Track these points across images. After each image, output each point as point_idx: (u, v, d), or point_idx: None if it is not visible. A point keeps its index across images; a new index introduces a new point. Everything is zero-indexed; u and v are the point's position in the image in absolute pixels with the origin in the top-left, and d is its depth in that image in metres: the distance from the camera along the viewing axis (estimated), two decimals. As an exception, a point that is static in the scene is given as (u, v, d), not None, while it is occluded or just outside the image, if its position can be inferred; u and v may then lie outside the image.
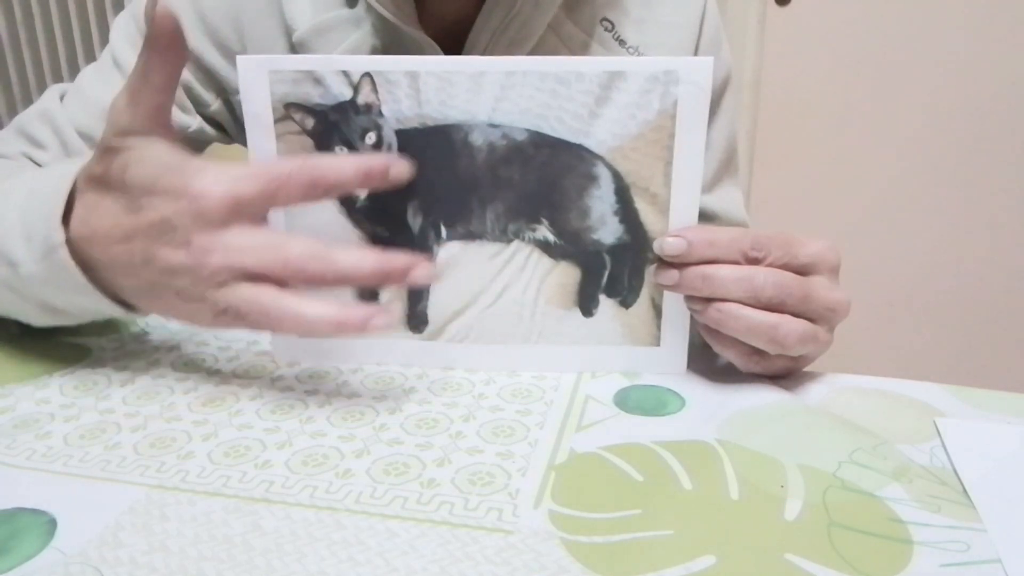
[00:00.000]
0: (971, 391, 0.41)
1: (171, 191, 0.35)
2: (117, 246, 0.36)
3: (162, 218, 0.35)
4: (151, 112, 0.36)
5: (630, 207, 0.40)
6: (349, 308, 0.35)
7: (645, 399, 0.40)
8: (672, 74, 0.37)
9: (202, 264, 0.34)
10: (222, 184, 0.35)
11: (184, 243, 0.35)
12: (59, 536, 0.29)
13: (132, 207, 0.35)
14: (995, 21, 1.43)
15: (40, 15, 1.81)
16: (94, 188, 0.37)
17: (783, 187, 1.62)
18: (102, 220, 0.36)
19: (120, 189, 0.36)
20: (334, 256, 0.35)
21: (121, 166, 0.36)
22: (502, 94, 0.38)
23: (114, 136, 0.36)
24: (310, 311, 0.35)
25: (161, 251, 0.35)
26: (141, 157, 0.36)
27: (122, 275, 0.37)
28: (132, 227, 0.35)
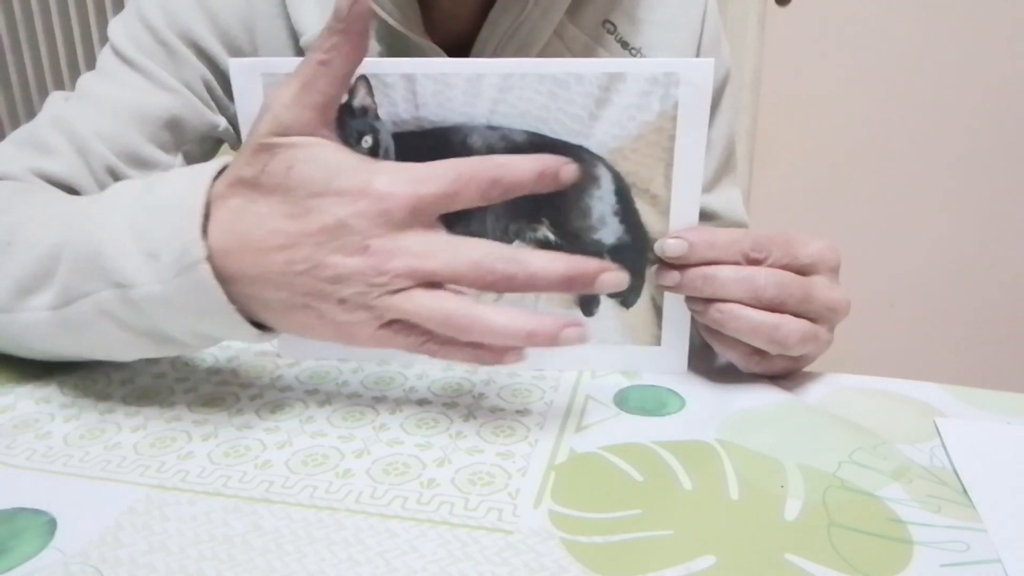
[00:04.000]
0: (971, 391, 0.41)
1: (348, 192, 0.32)
2: (274, 255, 0.32)
3: (337, 221, 0.32)
4: (320, 108, 0.33)
5: (630, 208, 0.40)
6: (542, 317, 0.32)
7: (645, 399, 0.40)
8: (672, 76, 0.37)
9: (382, 269, 0.32)
10: (405, 184, 0.32)
11: (361, 248, 0.32)
12: (59, 536, 0.29)
13: (297, 211, 0.32)
14: (995, 21, 1.43)
15: (40, 15, 1.81)
16: (243, 192, 0.33)
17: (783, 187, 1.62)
18: (256, 227, 0.33)
19: (281, 191, 0.33)
20: (525, 257, 0.32)
21: (283, 166, 0.33)
22: (500, 96, 0.38)
23: (271, 134, 0.33)
24: (501, 319, 0.32)
25: (332, 257, 0.32)
26: (309, 156, 0.33)
27: (272, 287, 0.33)
28: (297, 232, 0.32)
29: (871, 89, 1.52)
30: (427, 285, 0.32)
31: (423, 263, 0.32)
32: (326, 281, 0.32)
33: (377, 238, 0.32)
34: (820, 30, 1.51)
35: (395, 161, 0.33)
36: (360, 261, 0.32)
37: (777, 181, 1.62)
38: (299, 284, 0.33)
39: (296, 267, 0.32)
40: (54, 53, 1.83)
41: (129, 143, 0.51)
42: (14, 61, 1.87)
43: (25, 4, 1.81)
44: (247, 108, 0.39)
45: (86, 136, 0.50)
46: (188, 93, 0.53)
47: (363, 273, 0.32)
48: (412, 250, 0.32)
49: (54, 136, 0.50)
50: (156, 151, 0.52)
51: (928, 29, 1.46)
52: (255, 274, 0.33)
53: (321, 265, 0.32)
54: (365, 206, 0.32)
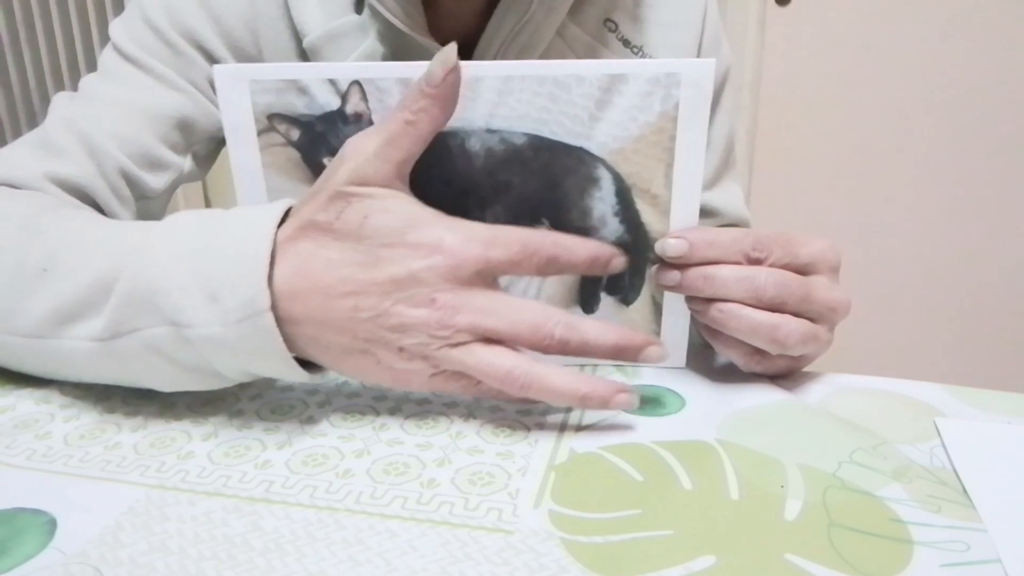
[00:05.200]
0: (971, 391, 0.41)
1: (421, 246, 0.33)
2: (341, 300, 0.33)
3: (409, 273, 0.33)
4: (401, 162, 0.35)
5: (631, 208, 0.40)
6: (596, 381, 0.35)
7: (645, 399, 0.40)
8: (674, 76, 0.37)
9: (446, 323, 0.33)
10: (476, 245, 0.34)
11: (428, 300, 0.33)
12: (59, 536, 0.29)
13: (368, 259, 0.33)
14: (995, 21, 1.43)
15: (40, 15, 1.81)
16: (314, 236, 0.34)
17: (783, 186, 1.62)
18: (325, 272, 0.33)
19: (354, 239, 0.34)
20: (581, 325, 0.34)
21: (359, 215, 0.34)
22: (499, 100, 0.38)
23: (350, 183, 0.34)
24: (558, 381, 0.34)
25: (399, 307, 0.33)
26: (385, 207, 0.34)
27: (334, 332, 0.34)
28: (367, 280, 0.33)
29: (871, 89, 1.52)
30: (486, 341, 0.34)
31: (486, 320, 0.34)
32: (390, 329, 0.34)
33: (444, 293, 0.33)
34: (820, 30, 1.51)
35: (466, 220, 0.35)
36: (426, 313, 0.33)
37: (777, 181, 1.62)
38: (362, 330, 0.34)
39: (362, 314, 0.33)
40: (54, 53, 1.83)
41: (141, 144, 0.51)
42: (14, 61, 1.87)
43: (25, 4, 1.81)
44: (233, 116, 0.38)
45: (97, 138, 0.49)
46: (196, 92, 0.53)
47: (427, 325, 0.33)
48: (476, 307, 0.34)
49: (65, 139, 0.49)
50: (168, 152, 0.52)
51: (928, 29, 1.46)
52: (320, 318, 0.34)
53: (387, 314, 0.33)
54: (436, 261, 0.33)
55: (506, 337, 0.34)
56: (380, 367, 0.35)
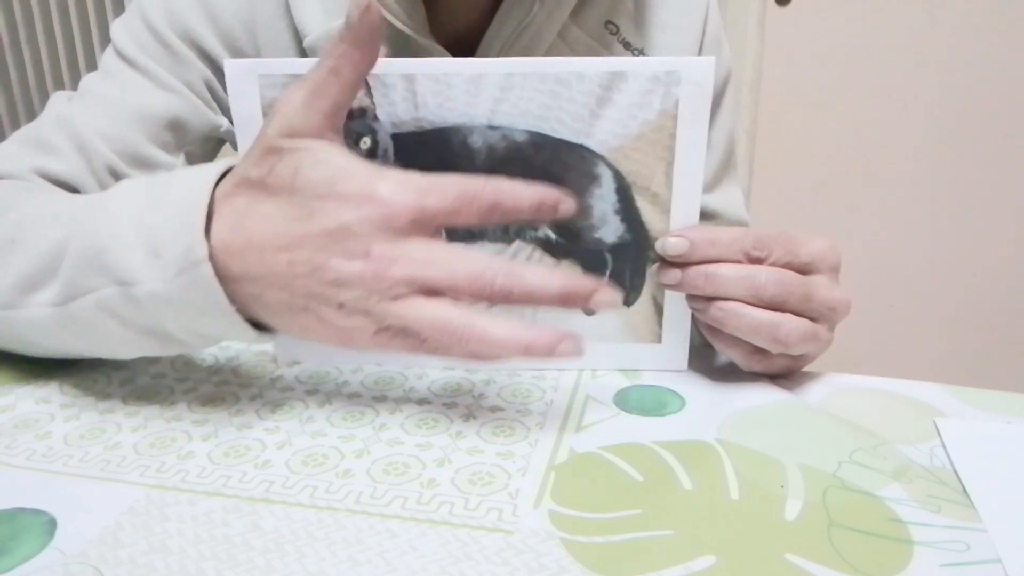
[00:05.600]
0: (971, 391, 0.41)
1: (353, 197, 0.32)
2: (277, 255, 0.33)
3: (340, 225, 0.32)
4: (330, 112, 0.34)
5: (631, 206, 0.40)
6: (539, 330, 0.33)
7: (645, 399, 0.40)
8: (674, 74, 0.37)
9: (383, 275, 0.32)
10: (410, 193, 0.32)
11: (363, 252, 0.32)
12: (59, 536, 0.29)
13: (301, 213, 0.33)
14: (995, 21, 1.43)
15: (40, 15, 1.81)
16: (249, 192, 0.34)
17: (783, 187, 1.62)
18: (260, 227, 0.33)
19: (286, 193, 0.33)
20: (523, 273, 0.32)
21: (290, 168, 0.33)
22: (501, 96, 0.38)
23: (281, 136, 0.33)
24: (498, 331, 0.32)
25: (333, 260, 0.32)
26: (316, 160, 0.33)
27: (273, 288, 0.33)
28: (300, 234, 0.32)
29: (871, 89, 1.52)
30: (426, 293, 0.33)
31: (423, 271, 0.32)
32: (327, 284, 0.32)
33: (379, 244, 0.32)
34: (820, 30, 1.51)
35: (400, 168, 0.34)
36: (361, 266, 0.32)
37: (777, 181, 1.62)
38: (300, 286, 0.33)
39: (297, 269, 0.33)
40: (54, 53, 1.83)
41: (131, 143, 0.51)
42: (14, 61, 1.87)
43: (25, 4, 1.81)
44: (242, 109, 0.39)
45: (88, 136, 0.50)
46: (190, 94, 0.53)
47: (363, 278, 0.32)
48: (413, 258, 0.32)
49: (56, 136, 0.50)
50: (158, 151, 0.52)
51: (928, 29, 1.46)
52: (257, 274, 0.33)
53: (322, 268, 0.32)
54: (368, 211, 0.32)
55: (445, 287, 0.32)
56: (322, 324, 0.34)
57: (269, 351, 0.45)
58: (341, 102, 0.34)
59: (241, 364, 0.44)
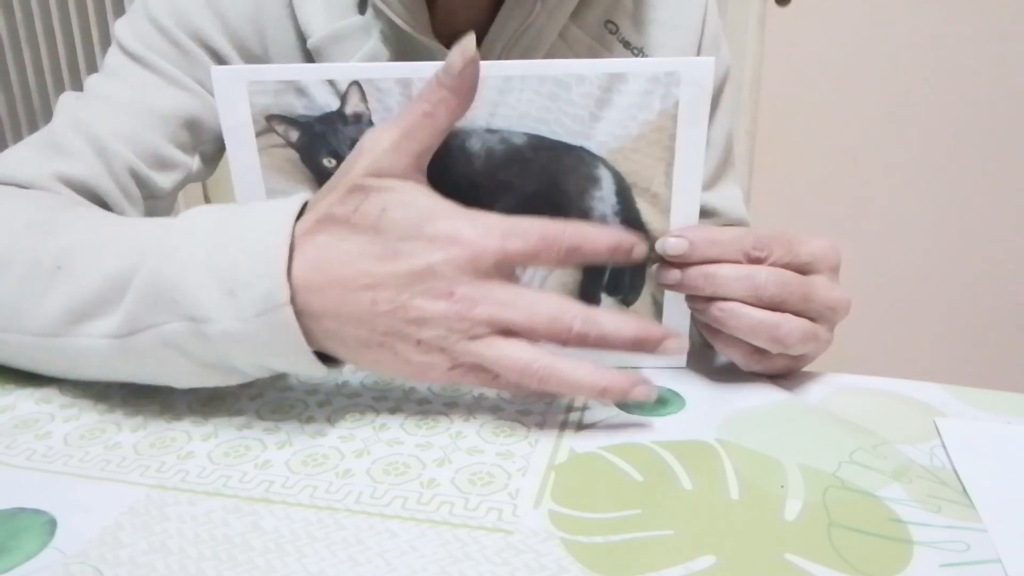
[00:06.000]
0: (971, 391, 0.41)
1: (439, 239, 0.33)
2: (360, 294, 0.33)
3: (426, 266, 0.33)
4: (420, 154, 0.35)
5: (631, 208, 0.40)
6: (615, 374, 0.34)
7: (645, 399, 0.40)
8: (674, 75, 0.37)
9: (465, 316, 0.33)
10: (495, 236, 0.33)
11: (447, 293, 0.33)
12: (59, 536, 0.29)
13: (386, 252, 0.33)
14: (995, 20, 1.43)
15: (40, 15, 1.81)
16: (332, 230, 0.34)
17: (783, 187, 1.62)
18: (343, 265, 0.33)
19: (372, 232, 0.33)
20: (600, 318, 0.34)
21: (377, 208, 0.34)
22: (499, 99, 0.38)
23: (368, 176, 0.34)
24: (577, 375, 0.34)
25: (416, 300, 0.33)
26: (403, 200, 0.34)
27: (352, 325, 0.34)
28: (385, 274, 0.33)
29: (871, 89, 1.52)
30: (504, 333, 0.34)
31: (504, 313, 0.33)
32: (407, 322, 0.33)
33: (463, 285, 0.33)
34: (820, 30, 1.51)
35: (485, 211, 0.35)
36: (445, 306, 0.33)
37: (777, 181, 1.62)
38: (380, 324, 0.33)
39: (380, 307, 0.33)
40: (54, 53, 1.83)
41: (149, 143, 0.51)
42: (14, 61, 1.87)
43: (25, 4, 1.81)
44: (231, 117, 0.38)
45: (105, 138, 0.49)
46: (203, 91, 0.53)
47: (446, 318, 0.33)
48: (495, 299, 0.33)
49: (73, 139, 0.49)
50: (176, 151, 0.52)
51: (928, 29, 1.46)
52: (338, 312, 0.33)
53: (405, 307, 0.33)
54: (454, 254, 0.33)
55: (524, 330, 0.34)
56: (398, 360, 0.34)
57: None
58: (430, 146, 0.35)
59: (241, 364, 0.44)
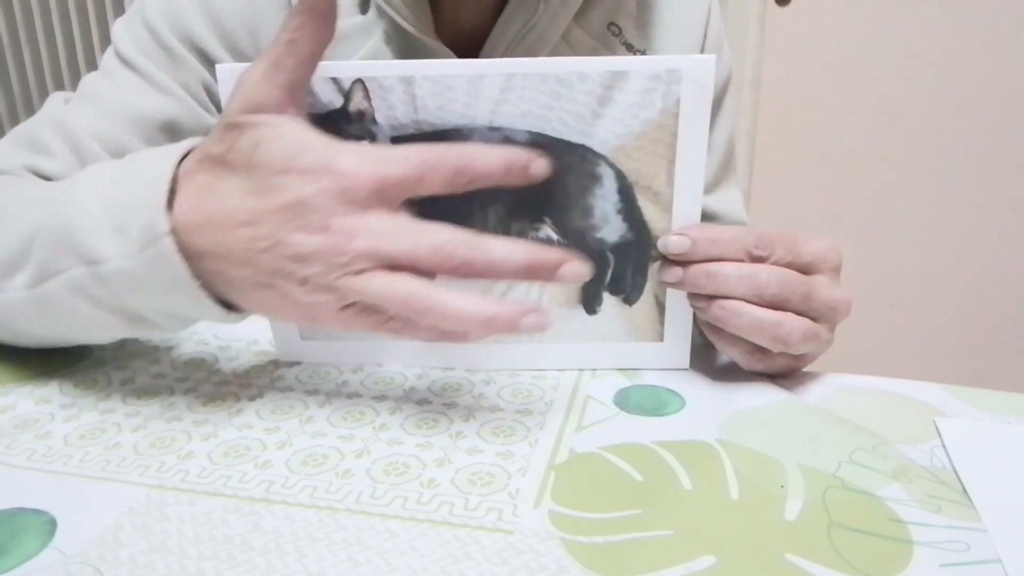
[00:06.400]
0: (971, 391, 0.41)
1: (311, 170, 0.32)
2: (238, 231, 0.32)
3: (299, 199, 0.32)
4: (289, 86, 0.34)
5: (633, 206, 0.40)
6: (502, 303, 0.32)
7: (645, 399, 0.40)
8: (675, 73, 0.37)
9: (343, 249, 0.31)
10: (369, 164, 0.32)
11: (323, 227, 0.32)
12: (59, 536, 0.29)
13: (261, 188, 0.32)
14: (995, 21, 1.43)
15: (40, 15, 1.81)
16: (210, 169, 0.33)
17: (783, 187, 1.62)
18: (221, 203, 0.33)
19: (246, 169, 0.33)
20: (486, 244, 0.32)
21: (250, 144, 0.33)
22: (502, 97, 0.38)
23: (241, 112, 0.33)
24: (460, 304, 0.31)
25: (294, 235, 0.32)
26: (276, 134, 0.33)
27: (236, 265, 0.33)
28: (260, 209, 0.32)
29: (871, 89, 1.52)
30: (389, 267, 0.32)
31: (384, 244, 0.32)
32: (288, 260, 0.32)
33: (340, 217, 0.32)
34: (820, 30, 1.51)
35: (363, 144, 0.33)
36: (321, 240, 0.32)
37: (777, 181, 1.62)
38: (262, 262, 0.33)
39: (258, 244, 0.32)
40: (54, 53, 1.83)
41: (124, 145, 0.51)
42: (14, 61, 1.87)
43: (25, 4, 1.81)
44: None
45: (82, 137, 0.50)
46: (186, 96, 0.53)
47: (324, 252, 0.32)
48: (374, 231, 0.32)
49: (50, 136, 0.50)
50: None
51: (928, 29, 1.46)
52: (219, 250, 0.33)
53: (283, 243, 0.32)
54: (327, 184, 0.32)
55: (407, 260, 0.32)
56: (286, 301, 0.34)
57: (270, 351, 0.45)
58: (300, 75, 0.34)
59: (241, 364, 0.44)
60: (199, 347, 0.45)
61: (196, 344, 0.46)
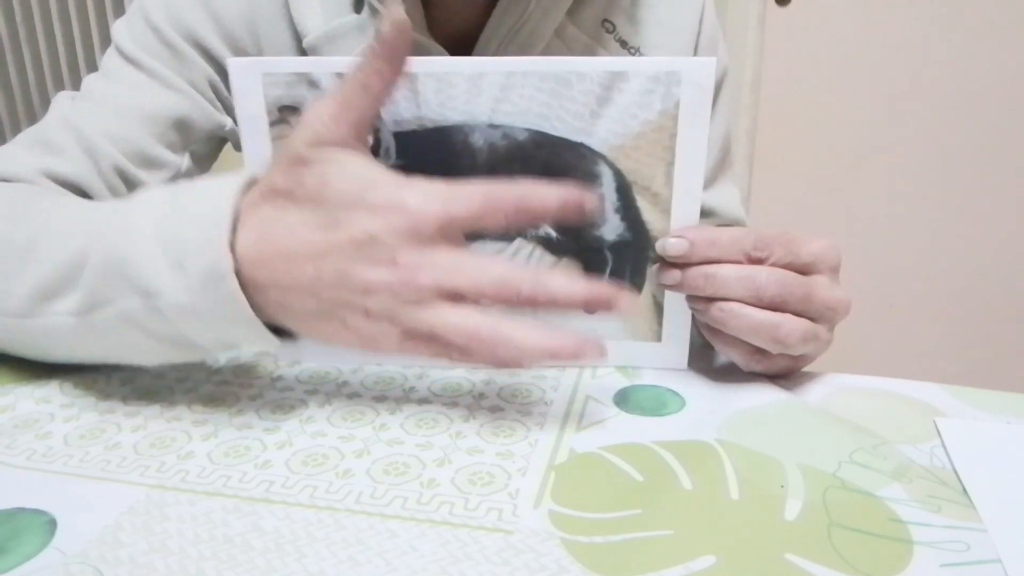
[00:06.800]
0: (971, 391, 0.41)
1: (380, 207, 0.33)
2: (304, 264, 0.33)
3: (368, 234, 0.32)
4: (358, 124, 0.35)
5: (632, 205, 0.40)
6: (564, 336, 0.33)
7: (645, 399, 0.40)
8: (674, 75, 0.37)
9: (409, 282, 0.32)
10: (437, 201, 0.33)
11: (389, 260, 0.33)
12: (59, 536, 0.29)
13: (329, 222, 0.33)
14: (995, 21, 1.43)
15: (40, 15, 1.81)
16: (276, 202, 0.34)
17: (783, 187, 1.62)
18: (287, 237, 0.34)
19: (314, 203, 0.33)
20: (547, 280, 0.33)
21: (318, 178, 0.34)
22: (502, 95, 0.38)
23: (308, 147, 0.34)
24: (526, 337, 0.33)
25: (362, 268, 0.33)
26: (344, 170, 0.34)
27: (299, 297, 0.34)
28: (328, 244, 0.33)
29: (871, 89, 1.52)
30: (452, 300, 0.33)
31: (450, 278, 0.33)
32: (354, 292, 0.33)
33: (406, 252, 0.33)
34: (820, 30, 1.51)
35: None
36: (388, 273, 0.33)
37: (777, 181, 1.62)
38: (327, 294, 0.33)
39: (325, 277, 0.33)
40: (54, 53, 1.83)
41: (137, 143, 0.51)
42: (14, 61, 1.87)
43: (25, 4, 1.81)
44: (246, 108, 0.39)
45: (94, 136, 0.50)
46: (194, 93, 0.53)
47: (390, 285, 0.33)
48: (440, 265, 0.33)
49: (62, 136, 0.50)
50: (164, 151, 0.53)
51: (928, 29, 1.46)
52: (284, 283, 0.34)
53: (350, 276, 0.33)
54: (396, 221, 0.32)
55: (471, 294, 0.33)
56: (348, 331, 0.34)
57: (270, 350, 0.45)
58: (369, 115, 0.35)
59: (241, 364, 0.44)
60: (199, 347, 0.45)
61: (196, 344, 0.46)
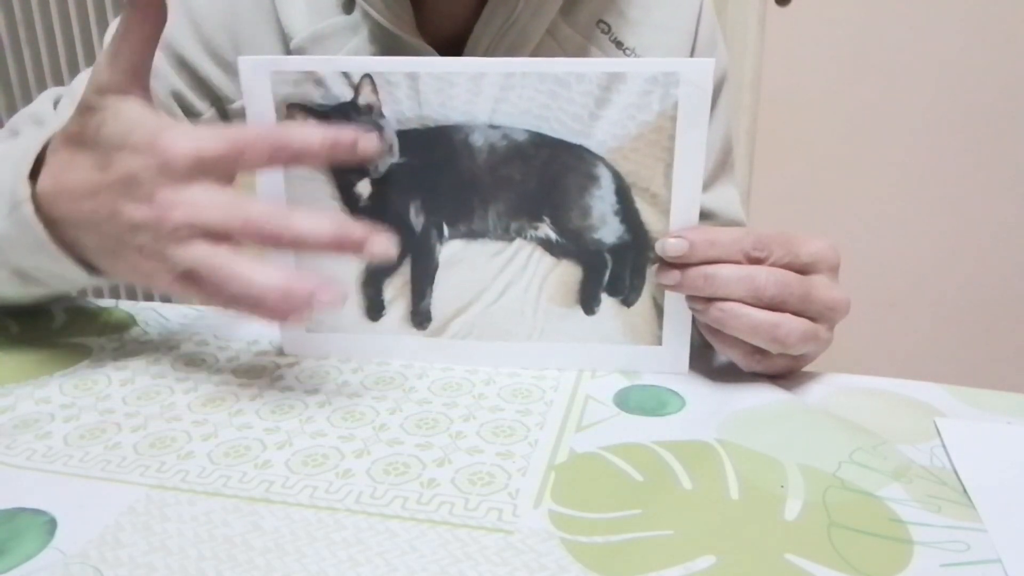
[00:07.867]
0: (971, 391, 0.41)
1: (139, 146, 0.35)
2: (84, 202, 0.36)
3: (128, 173, 0.35)
4: (129, 71, 0.37)
5: (631, 207, 0.40)
6: (296, 277, 0.34)
7: (645, 399, 0.40)
8: (672, 76, 0.37)
9: (163, 219, 0.35)
10: (187, 140, 0.35)
11: (148, 198, 0.35)
12: (59, 536, 0.29)
13: (102, 163, 0.36)
14: (995, 20, 1.43)
15: (40, 15, 1.81)
16: (68, 146, 0.37)
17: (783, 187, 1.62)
18: (72, 176, 0.37)
19: (93, 146, 0.36)
20: (292, 218, 0.35)
21: (97, 123, 0.36)
22: (501, 95, 0.38)
23: (93, 95, 0.37)
24: (259, 276, 0.34)
25: (125, 206, 0.35)
26: (116, 114, 0.36)
27: (87, 232, 0.37)
28: (100, 182, 0.36)
29: (871, 89, 1.52)
30: (210, 237, 0.35)
31: (198, 214, 0.34)
32: (124, 229, 0.36)
33: (161, 189, 0.35)
34: (820, 30, 1.51)
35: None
36: (147, 210, 0.35)
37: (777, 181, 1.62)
38: (107, 230, 0.36)
39: (100, 213, 0.36)
40: (54, 53, 1.83)
41: None
42: (14, 61, 1.87)
43: (25, 4, 1.81)
44: (255, 105, 0.40)
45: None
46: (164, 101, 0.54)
47: (149, 222, 0.35)
48: (192, 202, 0.35)
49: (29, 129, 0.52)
50: None
51: (928, 29, 1.46)
52: (72, 218, 0.37)
53: (119, 213, 0.36)
54: (151, 159, 0.35)
55: (220, 230, 0.35)
56: (129, 267, 0.37)
57: (270, 351, 0.45)
58: (137, 61, 0.37)
59: (241, 364, 0.44)
60: (199, 347, 0.45)
61: (196, 344, 0.46)
